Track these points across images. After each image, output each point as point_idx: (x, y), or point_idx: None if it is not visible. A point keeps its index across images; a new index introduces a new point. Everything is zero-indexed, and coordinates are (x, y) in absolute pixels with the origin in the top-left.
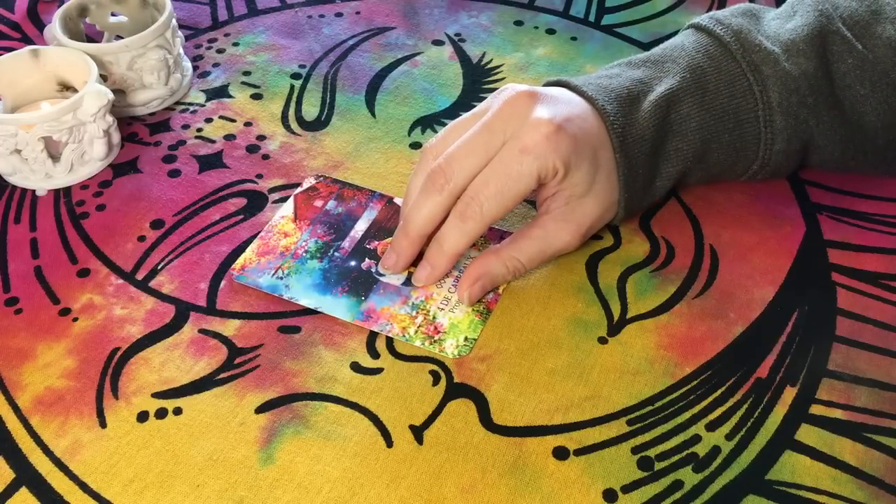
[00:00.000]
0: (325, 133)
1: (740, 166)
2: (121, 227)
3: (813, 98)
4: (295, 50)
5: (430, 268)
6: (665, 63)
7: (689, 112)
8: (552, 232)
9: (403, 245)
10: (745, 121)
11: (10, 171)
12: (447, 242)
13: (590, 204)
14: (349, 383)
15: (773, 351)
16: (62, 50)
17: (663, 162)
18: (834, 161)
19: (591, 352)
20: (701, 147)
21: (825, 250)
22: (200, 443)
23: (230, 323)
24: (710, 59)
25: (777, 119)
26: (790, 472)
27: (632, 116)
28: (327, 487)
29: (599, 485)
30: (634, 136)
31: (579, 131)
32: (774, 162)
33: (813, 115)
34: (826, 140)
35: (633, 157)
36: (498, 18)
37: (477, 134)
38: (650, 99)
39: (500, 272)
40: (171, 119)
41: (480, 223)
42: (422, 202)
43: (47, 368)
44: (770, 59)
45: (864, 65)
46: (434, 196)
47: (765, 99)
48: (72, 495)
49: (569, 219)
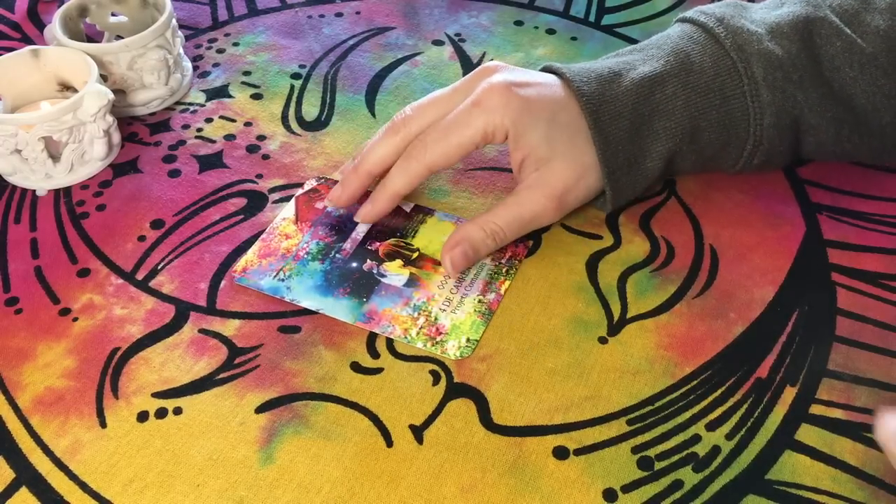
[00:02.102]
0: (325, 133)
1: (733, 147)
2: (121, 227)
3: (798, 75)
4: (295, 50)
5: (370, 205)
6: (649, 49)
7: (675, 91)
8: (525, 197)
9: (351, 179)
10: (731, 97)
11: (10, 171)
12: (389, 180)
13: (559, 167)
14: (349, 383)
15: (773, 351)
16: (62, 50)
17: (651, 141)
18: (829, 143)
19: (591, 352)
20: (689, 125)
21: (825, 250)
22: (200, 442)
23: (230, 323)
24: (693, 44)
25: (763, 93)
26: (790, 471)
27: (610, 93)
28: (327, 487)
29: (599, 484)
30: (611, 111)
31: (535, 95)
32: (768, 140)
33: (800, 90)
34: (817, 118)
35: (610, 133)
36: (498, 18)
37: (443, 92)
38: (630, 77)
39: (479, 236)
40: (171, 119)
41: (422, 164)
42: (377, 142)
43: (47, 368)
44: (753, 39)
45: (852, 48)
46: (389, 137)
47: (749, 74)
48: (72, 495)
49: (540, 183)
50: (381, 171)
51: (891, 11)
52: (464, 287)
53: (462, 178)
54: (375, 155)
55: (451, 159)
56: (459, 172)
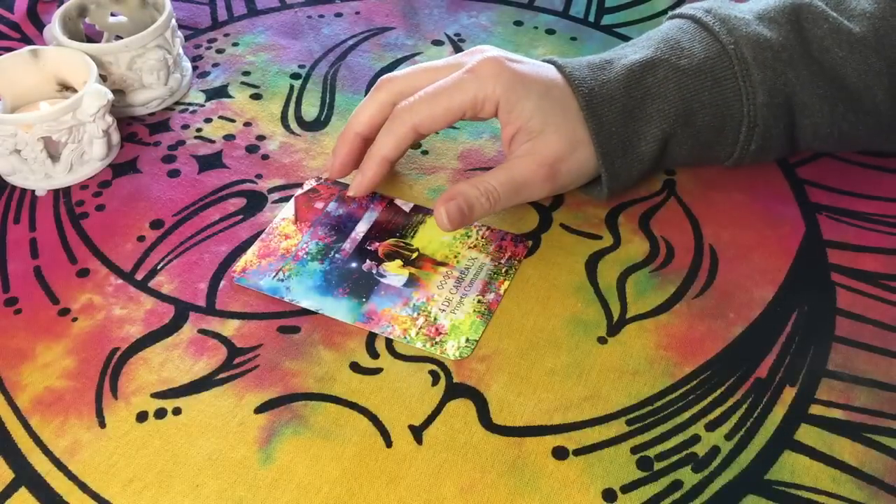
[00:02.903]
0: (324, 133)
1: (729, 130)
2: (120, 227)
3: (787, 54)
4: (294, 50)
5: (360, 174)
6: (640, 41)
7: (666, 75)
8: (517, 164)
9: (339, 144)
10: (722, 77)
11: (9, 171)
12: (375, 145)
13: (551, 138)
14: (348, 383)
15: (772, 351)
16: (62, 50)
17: (645, 124)
18: (826, 125)
19: (590, 352)
20: (682, 107)
21: (825, 250)
22: (200, 443)
23: (229, 323)
24: (682, 33)
25: (754, 72)
26: (790, 471)
27: (602, 78)
28: (326, 487)
29: (599, 485)
30: (603, 95)
31: (529, 70)
32: (762, 120)
33: (790, 68)
34: (810, 96)
35: (603, 116)
36: (498, 18)
37: (433, 63)
38: (622, 63)
39: (473, 192)
40: (170, 119)
41: (408, 125)
42: (363, 103)
43: (47, 368)
44: (741, 23)
45: (839, 29)
46: (374, 95)
47: (739, 55)
48: (71, 495)
49: (532, 152)
50: (369, 132)
51: None
52: (463, 287)
53: (461, 178)
54: (362, 115)
55: (438, 123)
56: (459, 172)
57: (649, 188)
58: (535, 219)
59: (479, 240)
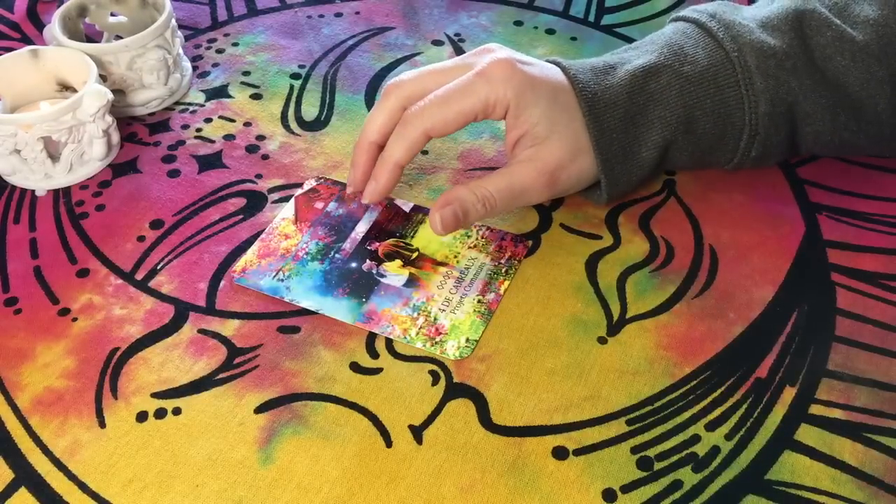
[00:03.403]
0: (324, 133)
1: (730, 138)
2: (120, 227)
3: (791, 63)
4: (294, 50)
5: (373, 182)
6: (643, 45)
7: (669, 81)
8: (517, 170)
9: (356, 155)
10: (725, 85)
11: (9, 171)
12: (387, 151)
13: (554, 145)
14: (348, 383)
15: (772, 351)
16: (62, 50)
17: (646, 130)
18: (827, 133)
19: (590, 352)
20: (684, 114)
21: (825, 250)
22: (199, 443)
23: (229, 323)
24: (686, 38)
25: (757, 81)
26: (790, 471)
27: (605, 83)
28: (326, 487)
29: (599, 485)
30: (606, 100)
31: (539, 73)
32: (763, 129)
33: (793, 76)
34: (812, 105)
35: (605, 122)
36: (498, 18)
37: (440, 64)
38: (625, 68)
39: (470, 199)
40: (170, 119)
41: (419, 129)
42: (374, 111)
43: (46, 368)
44: (745, 30)
45: (843, 37)
46: (384, 102)
47: (742, 63)
48: (71, 495)
49: (533, 159)
50: (383, 140)
51: (880, 1)
52: (463, 287)
53: (462, 178)
54: (373, 123)
55: (449, 126)
56: (459, 172)
57: (649, 188)
58: (536, 219)
59: (480, 240)
